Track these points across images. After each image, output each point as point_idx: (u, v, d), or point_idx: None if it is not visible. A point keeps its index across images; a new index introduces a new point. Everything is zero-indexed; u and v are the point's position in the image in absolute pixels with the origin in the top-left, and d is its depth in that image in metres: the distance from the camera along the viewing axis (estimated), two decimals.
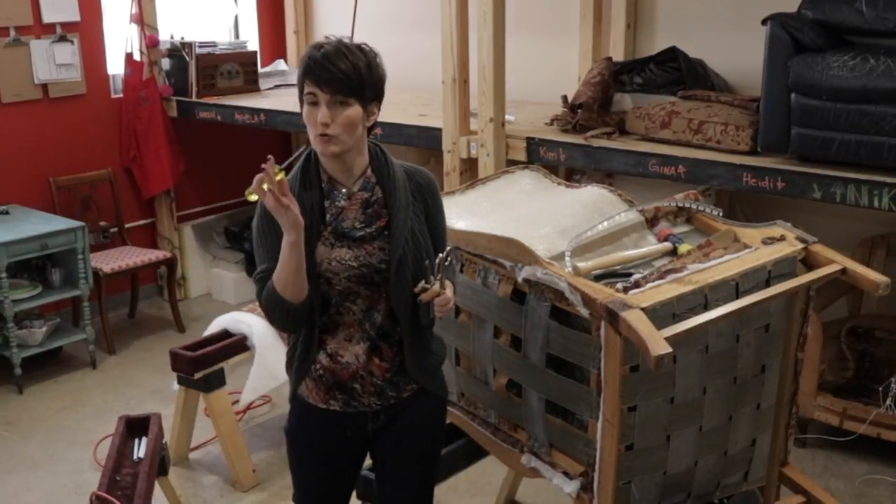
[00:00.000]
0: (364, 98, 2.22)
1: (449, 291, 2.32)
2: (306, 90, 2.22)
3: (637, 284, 2.40)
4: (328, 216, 2.32)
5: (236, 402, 4.22)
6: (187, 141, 5.96)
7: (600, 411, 2.41)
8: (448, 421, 3.13)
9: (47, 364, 5.13)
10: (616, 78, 4.44)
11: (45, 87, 5.39)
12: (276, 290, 2.23)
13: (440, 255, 2.31)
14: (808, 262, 2.61)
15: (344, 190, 2.33)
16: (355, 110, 2.21)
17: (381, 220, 2.32)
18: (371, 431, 2.47)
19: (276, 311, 2.28)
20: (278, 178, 2.10)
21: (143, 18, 5.64)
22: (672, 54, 4.45)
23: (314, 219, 2.30)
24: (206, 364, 3.90)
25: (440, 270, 2.29)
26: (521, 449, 2.79)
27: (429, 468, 2.59)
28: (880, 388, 3.89)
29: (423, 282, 2.29)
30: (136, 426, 3.38)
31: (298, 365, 2.43)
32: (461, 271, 2.83)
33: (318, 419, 2.45)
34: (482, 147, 4.38)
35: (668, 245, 2.72)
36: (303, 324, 2.35)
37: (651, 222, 2.84)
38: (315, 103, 2.21)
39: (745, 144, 3.84)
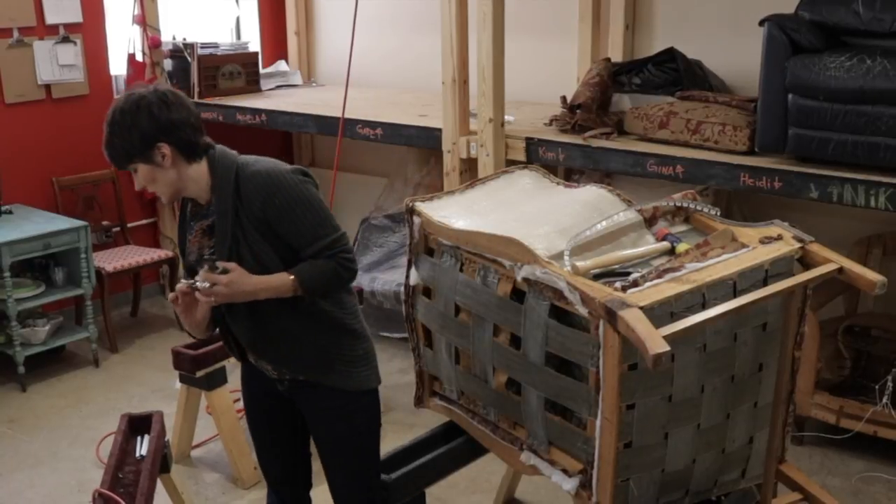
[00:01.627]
0: (140, 156, 2.41)
1: (218, 287, 2.41)
2: None
3: (635, 283, 2.40)
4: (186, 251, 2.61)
5: (238, 399, 4.22)
6: None
7: (599, 409, 2.42)
8: (448, 419, 3.17)
9: (50, 362, 5.15)
10: (615, 78, 4.46)
11: (48, 87, 5.42)
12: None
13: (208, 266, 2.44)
14: (806, 262, 2.62)
15: (198, 219, 2.59)
16: (142, 170, 2.44)
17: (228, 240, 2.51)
18: (286, 393, 2.71)
19: None
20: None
21: (146, 19, 5.66)
22: (670, 55, 4.46)
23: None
24: (207, 362, 3.93)
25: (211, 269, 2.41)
26: (520, 446, 2.80)
27: (345, 454, 2.72)
28: (877, 387, 3.89)
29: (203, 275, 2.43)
30: (138, 424, 3.39)
31: None
32: (461, 270, 2.85)
33: (246, 365, 2.79)
34: (482, 147, 4.40)
35: (666, 244, 2.73)
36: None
37: (649, 222, 2.84)
38: None
39: (743, 144, 3.86)
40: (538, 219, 2.81)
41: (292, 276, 2.45)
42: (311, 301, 2.53)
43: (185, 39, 5.86)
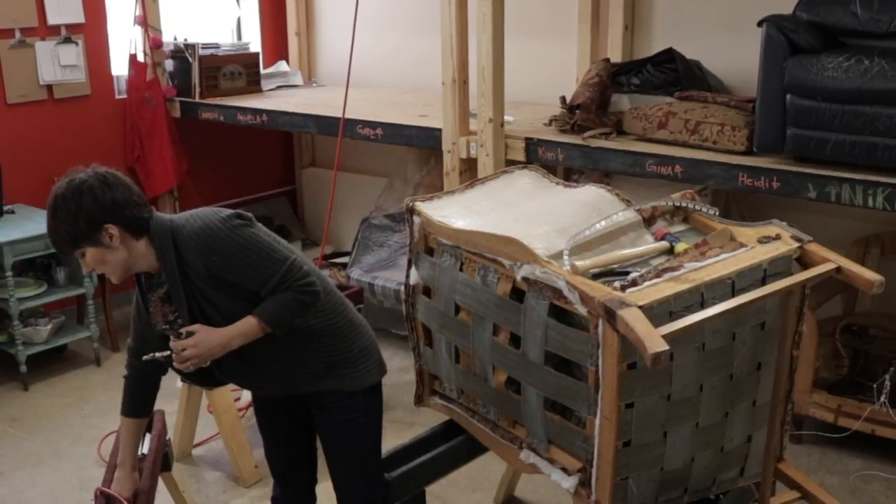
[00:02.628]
0: (88, 240, 2.43)
1: (188, 352, 2.48)
2: None
3: (634, 283, 2.42)
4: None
5: (238, 399, 4.25)
6: (190, 141, 5.98)
7: (598, 408, 2.44)
8: (448, 417, 3.18)
9: (52, 361, 5.16)
10: (614, 79, 4.46)
11: (49, 87, 5.42)
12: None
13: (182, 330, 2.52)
14: (804, 261, 2.63)
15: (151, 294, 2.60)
16: (91, 254, 2.45)
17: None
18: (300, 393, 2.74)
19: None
20: None
21: (147, 20, 5.65)
22: (669, 56, 4.47)
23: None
24: None
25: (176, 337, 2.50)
26: (519, 445, 2.82)
27: (347, 450, 2.76)
28: (874, 385, 3.90)
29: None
30: None
31: None
32: (461, 270, 2.86)
33: None
34: (481, 147, 4.41)
35: (664, 244, 2.74)
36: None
37: (648, 221, 2.86)
38: None
39: (741, 145, 3.86)
40: (538, 218, 2.83)
41: (256, 318, 2.50)
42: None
43: (186, 40, 5.86)
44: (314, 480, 3.01)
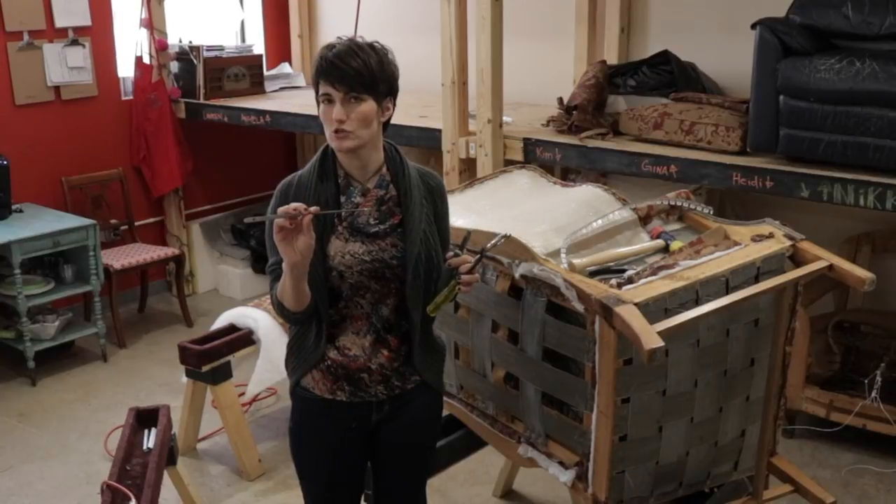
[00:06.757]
0: (377, 93, 2.26)
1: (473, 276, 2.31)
2: (321, 90, 2.26)
3: (630, 280, 2.45)
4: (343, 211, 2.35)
5: (242, 394, 4.25)
6: (195, 141, 6.04)
7: (595, 403, 2.46)
8: (447, 412, 3.16)
9: (60, 357, 5.21)
10: (610, 80, 4.49)
11: (57, 89, 5.48)
12: (279, 296, 2.30)
13: (467, 231, 2.40)
14: (796, 259, 2.66)
15: (359, 186, 2.36)
16: (369, 106, 2.24)
17: (394, 218, 2.35)
18: (374, 423, 2.47)
19: (281, 312, 2.35)
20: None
21: (153, 23, 5.71)
22: (664, 57, 4.50)
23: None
24: (213, 357, 3.96)
25: (465, 244, 2.35)
26: (518, 439, 2.84)
27: (427, 460, 2.64)
28: (865, 381, 3.94)
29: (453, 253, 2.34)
30: (145, 417, 3.43)
31: (306, 357, 2.42)
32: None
33: (323, 410, 2.45)
34: (480, 147, 4.45)
35: (660, 242, 2.77)
36: (309, 320, 2.39)
37: (644, 220, 2.88)
38: (330, 101, 2.24)
39: (735, 145, 3.89)
40: (535, 217, 2.85)
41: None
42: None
43: (190, 42, 5.91)
44: None
